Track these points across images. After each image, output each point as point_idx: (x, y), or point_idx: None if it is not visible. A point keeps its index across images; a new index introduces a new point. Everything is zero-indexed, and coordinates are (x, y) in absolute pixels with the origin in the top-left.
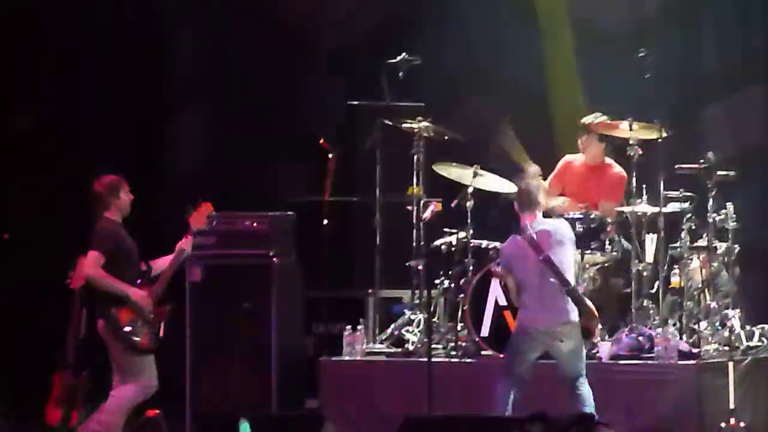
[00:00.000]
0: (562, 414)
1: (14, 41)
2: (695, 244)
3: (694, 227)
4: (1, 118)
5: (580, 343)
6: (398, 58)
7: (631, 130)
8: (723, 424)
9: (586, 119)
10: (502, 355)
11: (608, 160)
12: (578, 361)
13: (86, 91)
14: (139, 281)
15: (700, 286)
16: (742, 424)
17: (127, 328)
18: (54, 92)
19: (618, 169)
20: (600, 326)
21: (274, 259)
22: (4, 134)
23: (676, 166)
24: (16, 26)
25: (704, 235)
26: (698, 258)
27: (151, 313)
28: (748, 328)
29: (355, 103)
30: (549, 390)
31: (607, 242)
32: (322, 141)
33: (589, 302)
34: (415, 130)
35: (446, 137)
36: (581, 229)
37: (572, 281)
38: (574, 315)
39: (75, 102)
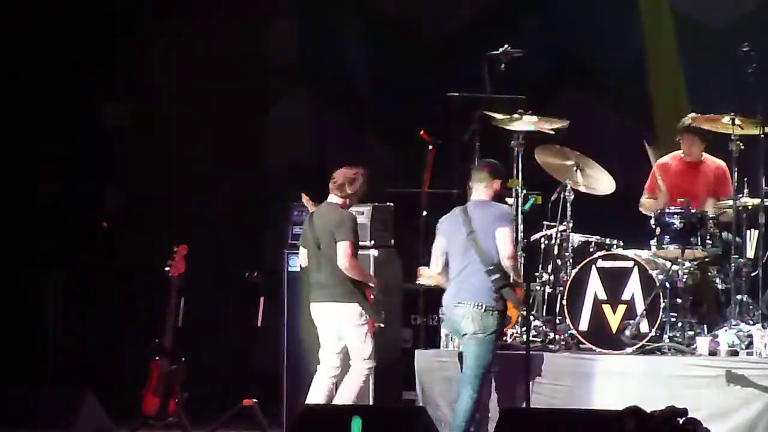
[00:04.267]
0: (653, 409)
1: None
2: None
3: None
4: (96, 108)
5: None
6: (500, 49)
7: (733, 125)
8: None
9: (687, 120)
10: (599, 349)
11: (704, 155)
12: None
13: (174, 82)
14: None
15: None
16: None
17: None
18: (148, 83)
19: (717, 161)
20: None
21: (374, 249)
22: (99, 124)
23: None
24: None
25: None
26: None
27: None
28: None
29: (455, 94)
30: None
31: (707, 237)
32: (422, 133)
33: (513, 291)
34: (517, 124)
35: (549, 130)
36: (681, 224)
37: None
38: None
39: (166, 93)
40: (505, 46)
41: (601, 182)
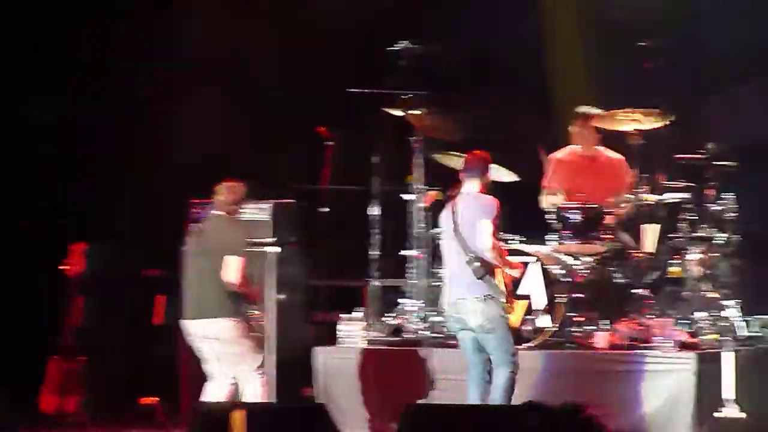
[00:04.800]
0: (554, 403)
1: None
2: (695, 235)
3: (694, 217)
4: (16, 109)
5: (491, 320)
6: (400, 45)
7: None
8: (716, 414)
9: (583, 109)
10: None
11: (599, 148)
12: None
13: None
14: None
15: (699, 276)
16: (742, 415)
17: None
18: (64, 87)
19: (613, 154)
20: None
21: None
22: (18, 126)
23: (676, 156)
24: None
25: (703, 226)
26: (697, 248)
27: None
28: (746, 318)
29: (356, 90)
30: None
31: (605, 232)
32: (321, 129)
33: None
34: (416, 120)
35: (446, 130)
36: (579, 219)
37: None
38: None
39: (84, 96)
40: (405, 42)
41: (503, 175)
